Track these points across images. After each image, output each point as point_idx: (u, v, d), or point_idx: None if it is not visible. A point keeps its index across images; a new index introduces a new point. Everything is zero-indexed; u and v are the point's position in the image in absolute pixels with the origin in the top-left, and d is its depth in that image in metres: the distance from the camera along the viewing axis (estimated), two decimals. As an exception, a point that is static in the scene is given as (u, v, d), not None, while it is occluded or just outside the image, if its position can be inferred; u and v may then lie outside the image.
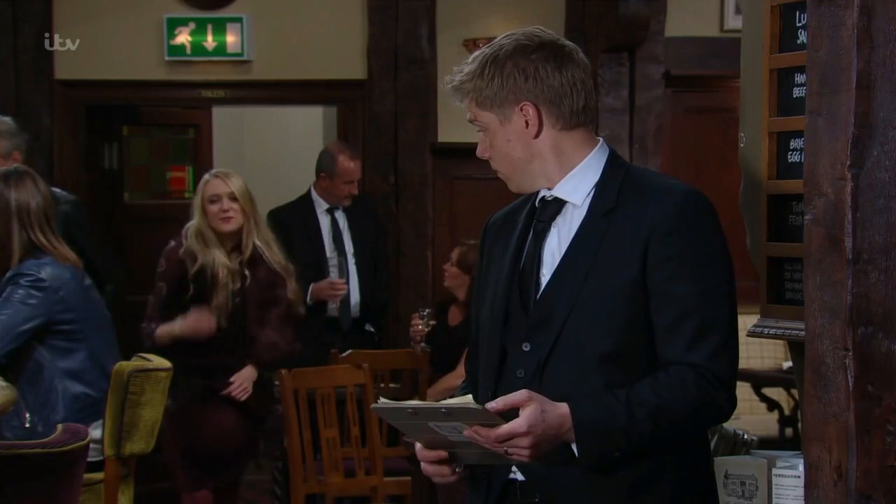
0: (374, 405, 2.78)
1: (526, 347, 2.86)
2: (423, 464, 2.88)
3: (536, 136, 2.88)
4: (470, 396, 2.73)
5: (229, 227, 5.93)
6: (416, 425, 2.77)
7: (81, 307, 5.15)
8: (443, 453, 2.82)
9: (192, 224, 6.01)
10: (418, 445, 2.86)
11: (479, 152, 2.96)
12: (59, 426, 3.93)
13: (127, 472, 5.11)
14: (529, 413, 2.66)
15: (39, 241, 5.12)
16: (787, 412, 8.40)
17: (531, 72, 2.87)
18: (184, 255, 5.95)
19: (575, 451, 2.73)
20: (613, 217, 2.84)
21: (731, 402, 2.83)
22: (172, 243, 6.04)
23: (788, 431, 8.22)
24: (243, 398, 5.98)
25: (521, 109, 2.87)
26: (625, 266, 2.79)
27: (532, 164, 2.90)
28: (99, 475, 5.02)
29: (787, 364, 7.84)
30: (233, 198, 5.95)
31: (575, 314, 2.80)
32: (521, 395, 2.69)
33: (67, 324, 5.12)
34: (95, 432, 5.02)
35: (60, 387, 5.10)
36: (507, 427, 2.65)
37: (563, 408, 2.70)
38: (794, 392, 8.22)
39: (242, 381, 5.96)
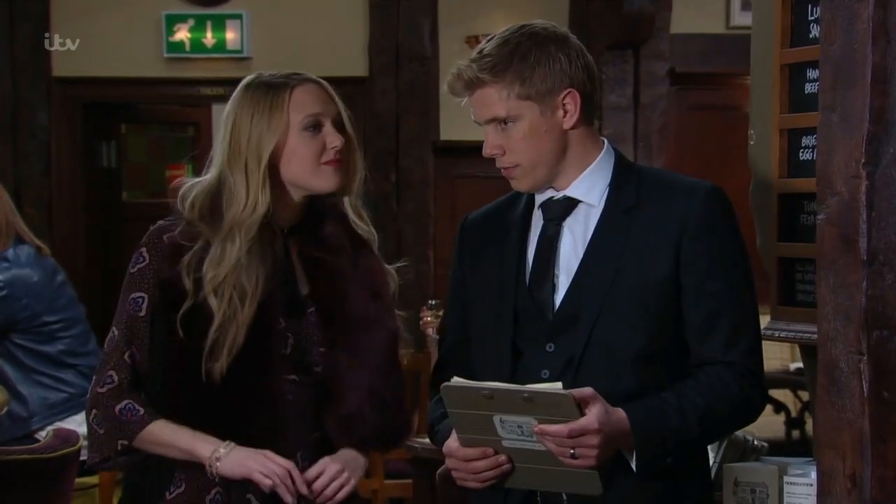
0: (444, 384, 2.64)
1: (550, 348, 2.79)
2: (456, 463, 2.72)
3: (574, 126, 2.80)
4: (560, 383, 2.59)
5: (333, 183, 3.01)
6: (478, 419, 2.63)
7: (49, 307, 5.13)
8: (489, 450, 2.67)
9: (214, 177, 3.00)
10: (453, 445, 2.71)
11: (489, 149, 2.80)
12: (50, 431, 3.89)
13: (122, 476, 5.05)
14: (598, 411, 2.59)
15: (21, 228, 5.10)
16: (793, 414, 8.38)
17: (574, 56, 2.78)
18: (186, 239, 2.97)
19: (630, 457, 2.67)
20: (635, 214, 2.79)
21: (764, 400, 2.83)
22: (159, 223, 3.02)
23: (795, 434, 8.20)
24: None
25: (566, 97, 2.77)
26: (656, 263, 2.75)
27: (561, 159, 2.81)
28: (94, 479, 5.00)
29: (794, 365, 7.83)
30: (341, 126, 3.05)
31: (605, 313, 2.75)
32: (588, 390, 2.60)
33: (35, 325, 5.10)
34: (82, 428, 4.99)
35: (28, 385, 5.08)
36: (580, 422, 2.56)
37: (620, 412, 2.64)
38: (801, 394, 8.21)
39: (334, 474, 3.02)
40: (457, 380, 2.65)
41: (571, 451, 2.57)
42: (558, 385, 2.59)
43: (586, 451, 2.58)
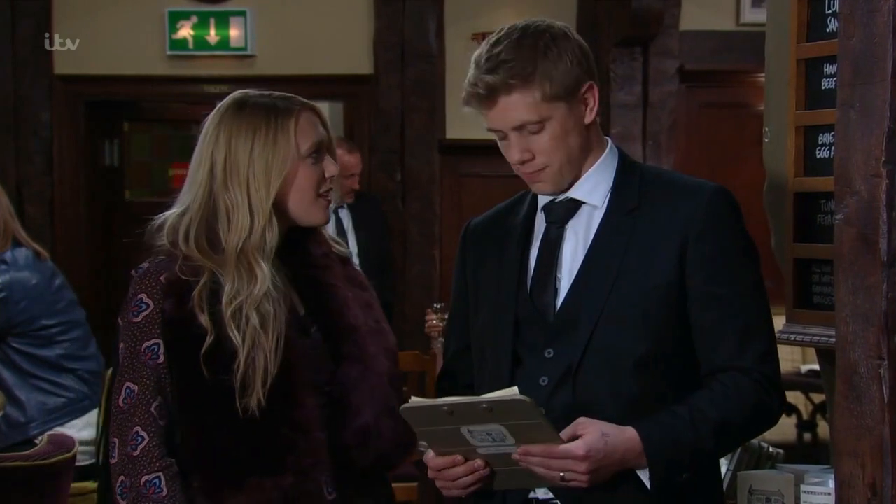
0: (403, 406, 2.58)
1: (549, 354, 2.72)
2: (434, 473, 2.67)
3: (591, 121, 2.74)
4: (516, 388, 2.53)
5: (324, 218, 2.97)
6: (446, 432, 2.59)
7: (48, 311, 5.10)
8: (458, 457, 2.62)
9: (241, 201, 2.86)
10: (430, 455, 2.67)
11: (519, 156, 2.71)
12: (45, 436, 3.84)
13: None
14: (589, 438, 2.54)
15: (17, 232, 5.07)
16: (805, 416, 8.35)
17: (584, 48, 2.73)
18: (189, 275, 2.84)
19: (643, 476, 2.61)
20: (638, 215, 2.73)
21: (782, 405, 2.76)
22: (146, 265, 2.88)
23: (807, 436, 8.18)
24: None
25: (586, 91, 2.72)
26: (659, 266, 2.69)
27: (584, 156, 2.76)
28: (92, 485, 4.96)
29: (806, 367, 7.81)
30: (332, 152, 3.00)
31: (605, 317, 2.68)
32: (577, 425, 2.56)
33: (33, 329, 5.07)
34: (82, 433, 4.94)
35: (26, 390, 5.06)
36: (563, 447, 2.52)
37: (630, 432, 2.58)
38: (813, 396, 8.17)
39: None
40: (414, 399, 2.59)
41: (561, 475, 2.53)
42: (514, 390, 2.52)
43: (574, 475, 2.54)
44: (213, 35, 8.61)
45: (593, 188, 2.77)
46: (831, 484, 2.81)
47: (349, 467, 2.88)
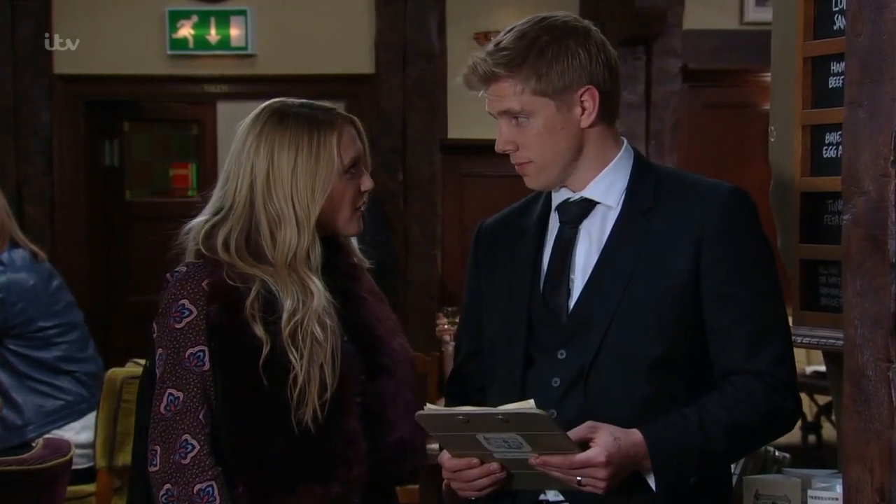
0: (419, 413, 2.57)
1: (561, 355, 2.70)
2: (450, 475, 2.66)
3: (591, 125, 2.71)
4: (532, 401, 2.51)
5: (358, 230, 2.97)
6: (462, 438, 2.58)
7: (45, 312, 5.09)
8: (474, 460, 2.61)
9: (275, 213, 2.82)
10: (445, 456, 2.66)
11: (502, 145, 2.71)
12: (41, 440, 3.81)
13: (120, 485, 4.99)
14: (605, 441, 2.52)
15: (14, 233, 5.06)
16: (809, 418, 8.33)
17: (594, 52, 2.70)
18: (237, 281, 2.79)
19: (649, 479, 2.59)
20: (653, 216, 2.70)
21: (798, 408, 2.74)
22: (184, 269, 2.80)
23: (811, 438, 8.15)
24: None
25: (583, 94, 2.69)
26: (674, 267, 2.66)
27: (576, 158, 2.73)
28: (90, 487, 4.96)
29: (811, 368, 7.78)
30: (367, 165, 2.96)
31: (619, 318, 2.66)
32: (584, 427, 2.55)
33: (30, 331, 5.07)
34: (80, 436, 4.92)
35: (23, 392, 5.05)
36: (582, 456, 2.51)
37: (636, 435, 2.56)
38: (817, 397, 8.15)
39: None
40: (429, 407, 2.58)
41: (578, 479, 2.53)
42: (531, 403, 2.50)
43: (593, 481, 2.53)
44: (213, 34, 8.61)
45: (608, 188, 2.75)
46: (839, 489, 2.78)
47: (381, 479, 2.87)
